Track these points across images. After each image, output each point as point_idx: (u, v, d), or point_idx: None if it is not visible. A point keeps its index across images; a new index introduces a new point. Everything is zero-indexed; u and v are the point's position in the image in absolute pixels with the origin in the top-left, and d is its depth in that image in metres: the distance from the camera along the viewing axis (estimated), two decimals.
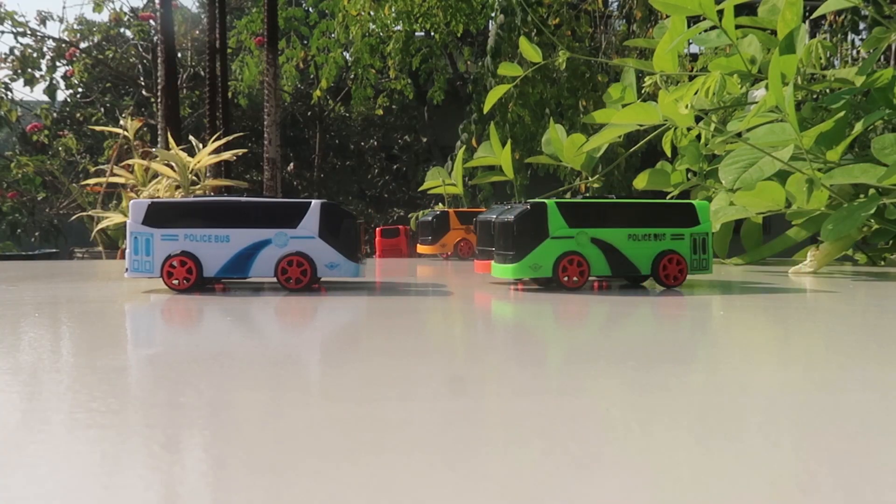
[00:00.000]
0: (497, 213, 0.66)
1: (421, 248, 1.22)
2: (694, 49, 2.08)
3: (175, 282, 0.59)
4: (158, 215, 0.59)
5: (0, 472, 0.17)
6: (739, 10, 0.99)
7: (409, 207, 3.33)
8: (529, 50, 1.14)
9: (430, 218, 1.20)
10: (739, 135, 0.88)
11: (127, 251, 0.60)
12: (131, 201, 0.61)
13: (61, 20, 4.28)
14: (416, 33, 2.88)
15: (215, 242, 0.59)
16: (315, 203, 0.60)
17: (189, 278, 0.58)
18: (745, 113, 0.92)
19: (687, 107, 0.90)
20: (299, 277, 0.59)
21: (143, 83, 3.58)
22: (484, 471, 0.17)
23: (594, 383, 0.27)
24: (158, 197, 1.03)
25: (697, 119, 1.00)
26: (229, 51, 3.29)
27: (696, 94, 0.91)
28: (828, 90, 1.03)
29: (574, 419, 0.21)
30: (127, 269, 0.60)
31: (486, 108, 1.30)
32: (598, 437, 0.20)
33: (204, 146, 1.09)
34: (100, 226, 1.48)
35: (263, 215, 0.60)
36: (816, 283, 0.76)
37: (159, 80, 1.85)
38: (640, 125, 0.98)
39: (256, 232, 0.59)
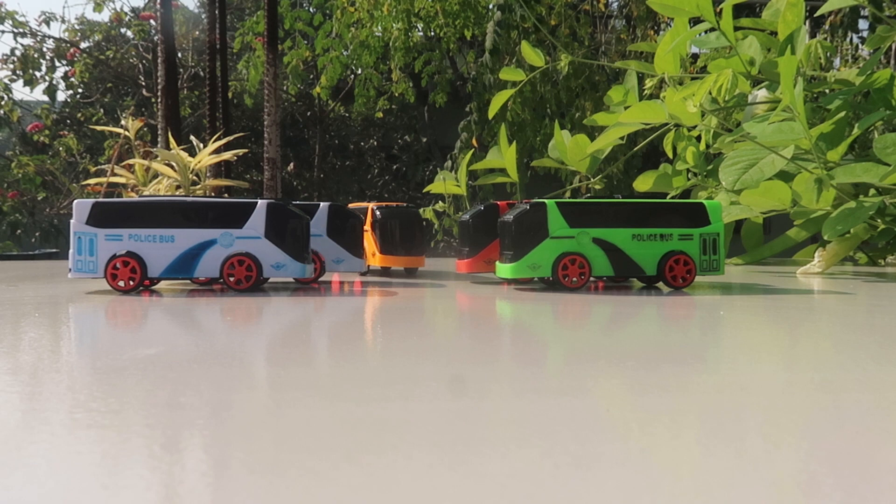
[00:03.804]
0: (471, 214, 0.71)
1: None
2: (697, 50, 2.08)
3: (121, 283, 0.58)
4: (102, 215, 0.59)
5: (0, 472, 0.17)
6: (740, 12, 0.99)
7: None
8: (531, 54, 1.13)
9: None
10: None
11: (70, 251, 0.60)
12: (75, 201, 0.60)
13: (63, 20, 4.28)
14: (419, 34, 2.88)
15: (160, 242, 0.59)
16: (261, 203, 0.60)
17: (134, 278, 0.58)
18: (760, 114, 0.92)
19: (696, 105, 0.89)
20: (244, 278, 0.59)
21: (143, 83, 3.58)
22: (484, 471, 0.17)
23: (594, 383, 0.27)
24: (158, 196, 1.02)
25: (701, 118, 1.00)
26: (235, 51, 3.28)
27: (708, 92, 0.91)
28: (827, 91, 1.03)
29: (574, 419, 0.21)
30: (70, 269, 0.60)
31: (491, 114, 1.30)
32: (598, 437, 0.20)
33: (204, 146, 1.09)
34: None
35: (209, 215, 0.59)
36: (826, 283, 0.76)
37: (159, 81, 1.85)
38: (645, 124, 0.98)
39: (202, 232, 0.59)
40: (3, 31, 3.37)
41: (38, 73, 3.48)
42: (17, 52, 3.43)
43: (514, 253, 0.61)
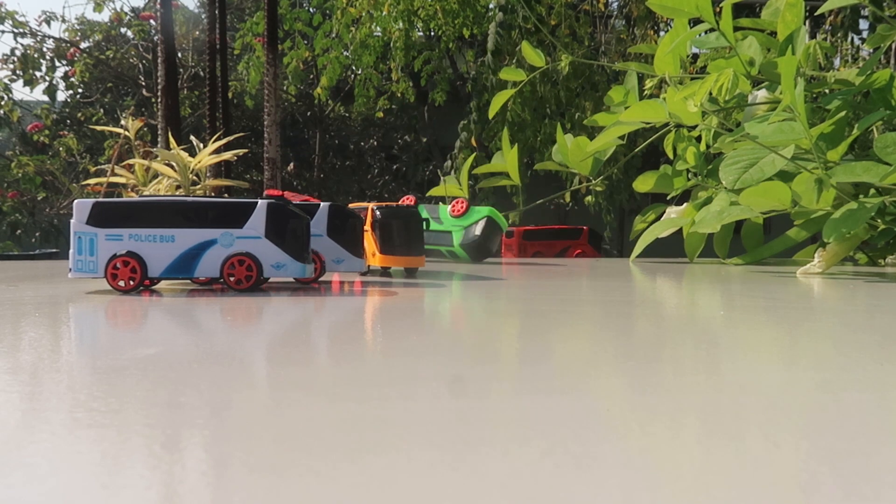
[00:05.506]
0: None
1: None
2: (697, 50, 2.09)
3: (121, 283, 0.58)
4: (103, 215, 0.59)
5: (0, 471, 0.17)
6: (740, 12, 0.99)
7: None
8: (532, 54, 1.13)
9: None
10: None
11: (70, 251, 0.60)
12: (75, 201, 0.60)
13: (63, 20, 4.28)
14: (419, 33, 2.88)
15: (160, 242, 0.59)
16: (261, 203, 0.60)
17: (134, 278, 0.58)
18: (759, 114, 0.92)
19: (697, 105, 0.89)
20: (244, 278, 0.59)
21: (143, 83, 3.58)
22: (484, 471, 0.17)
23: (594, 383, 0.27)
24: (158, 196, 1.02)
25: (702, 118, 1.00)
26: (235, 52, 3.28)
27: (708, 92, 0.91)
28: (827, 91, 1.03)
29: (574, 419, 0.21)
30: (70, 269, 0.59)
31: (492, 114, 1.30)
32: (598, 437, 0.20)
33: (204, 146, 1.09)
34: None
35: (209, 215, 0.59)
36: (826, 283, 0.76)
37: (159, 81, 1.85)
38: (646, 123, 0.97)
39: (202, 232, 0.59)
40: (3, 31, 3.37)
41: (38, 73, 3.48)
42: (17, 52, 3.43)
43: None
